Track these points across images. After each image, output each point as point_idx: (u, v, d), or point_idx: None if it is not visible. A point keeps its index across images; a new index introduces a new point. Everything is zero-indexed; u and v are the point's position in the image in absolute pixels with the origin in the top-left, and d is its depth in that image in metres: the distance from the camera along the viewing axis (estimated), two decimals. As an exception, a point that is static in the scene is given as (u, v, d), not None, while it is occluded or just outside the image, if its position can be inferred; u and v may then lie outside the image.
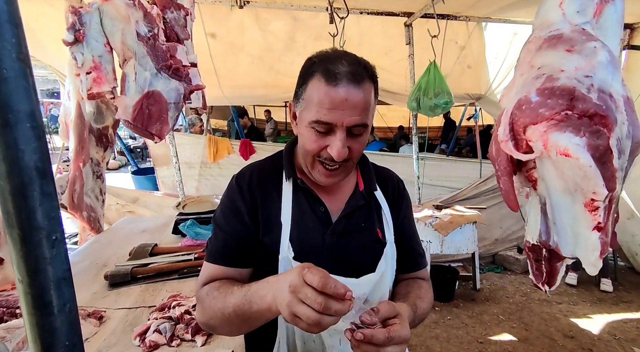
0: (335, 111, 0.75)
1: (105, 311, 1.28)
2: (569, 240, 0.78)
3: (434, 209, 3.50)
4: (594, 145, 0.66)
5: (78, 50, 0.96)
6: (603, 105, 0.66)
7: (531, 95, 0.72)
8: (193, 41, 3.64)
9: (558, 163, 0.70)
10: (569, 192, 0.72)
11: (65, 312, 0.25)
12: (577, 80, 0.68)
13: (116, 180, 7.52)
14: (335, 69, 0.75)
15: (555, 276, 0.85)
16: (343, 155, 0.77)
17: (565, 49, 0.71)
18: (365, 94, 0.76)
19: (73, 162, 2.12)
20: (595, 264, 0.73)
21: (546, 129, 0.67)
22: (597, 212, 0.69)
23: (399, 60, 3.72)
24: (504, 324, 3.10)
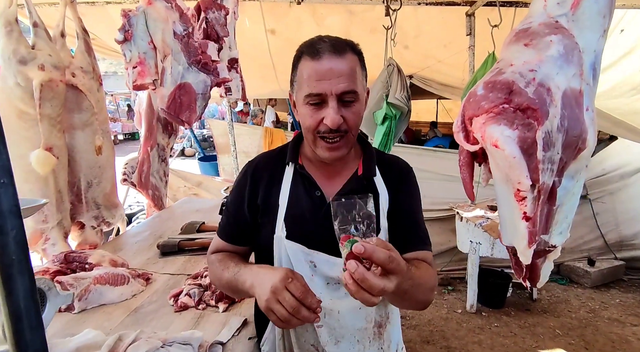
0: (322, 82, 0.80)
1: (152, 274, 1.49)
2: (507, 229, 0.77)
3: (487, 209, 3.29)
4: (524, 137, 0.65)
5: (127, 47, 1.15)
6: (536, 99, 0.64)
7: (478, 88, 0.72)
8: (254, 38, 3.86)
9: (492, 154, 0.70)
10: (504, 182, 0.72)
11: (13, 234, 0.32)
12: (520, 75, 0.67)
13: (188, 165, 8.31)
14: (317, 46, 0.82)
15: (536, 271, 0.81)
16: (337, 122, 0.82)
17: (524, 43, 0.69)
18: (349, 62, 0.82)
19: (142, 146, 2.44)
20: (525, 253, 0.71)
21: (485, 120, 0.68)
22: (524, 202, 0.68)
23: (458, 52, 3.53)
24: (560, 339, 2.83)
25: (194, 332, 1.01)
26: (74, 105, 1.80)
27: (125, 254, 1.72)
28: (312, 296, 0.71)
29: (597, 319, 3.09)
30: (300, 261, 0.89)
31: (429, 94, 5.04)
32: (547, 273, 0.85)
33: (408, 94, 2.97)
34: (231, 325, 1.13)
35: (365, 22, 3.48)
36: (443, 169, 3.81)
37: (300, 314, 0.70)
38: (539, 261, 0.82)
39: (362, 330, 0.92)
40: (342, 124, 0.83)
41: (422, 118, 10.00)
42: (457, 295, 3.51)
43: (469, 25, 3.17)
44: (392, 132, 3.02)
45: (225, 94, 1.52)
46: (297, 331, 0.92)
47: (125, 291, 1.32)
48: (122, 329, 1.11)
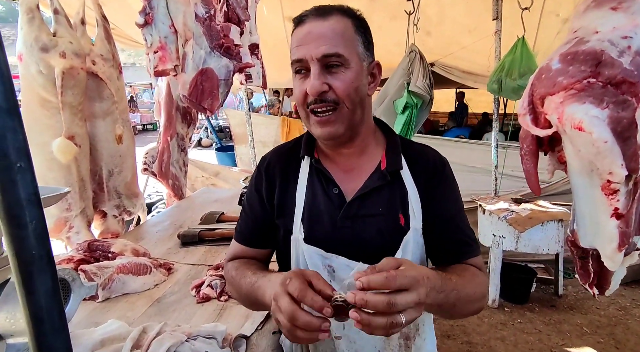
0: (302, 46, 0.74)
1: (174, 264, 1.48)
2: (588, 229, 0.66)
3: (511, 202, 3.18)
4: (617, 117, 0.54)
5: (148, 32, 1.11)
6: (635, 70, 0.53)
7: (553, 62, 0.61)
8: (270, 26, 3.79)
9: (573, 139, 0.59)
10: (587, 173, 0.60)
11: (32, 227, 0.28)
12: (610, 43, 0.56)
13: (205, 155, 8.38)
14: (305, 12, 0.78)
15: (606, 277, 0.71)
16: (317, 88, 0.73)
17: (610, 6, 0.58)
18: (333, 23, 0.74)
19: (162, 136, 2.44)
20: (613, 258, 0.60)
21: (563, 99, 0.57)
22: (616, 197, 0.57)
23: (484, 38, 3.37)
24: (587, 338, 2.73)
25: (217, 325, 0.99)
26: (95, 93, 1.79)
27: (147, 243, 1.72)
28: (313, 294, 0.58)
29: (628, 317, 2.96)
30: (317, 266, 0.81)
31: (448, 83, 4.89)
32: (618, 280, 0.74)
33: (430, 82, 2.86)
34: (254, 318, 1.10)
35: (387, 8, 3.36)
36: (464, 159, 3.70)
37: (298, 320, 0.58)
38: (608, 265, 0.73)
39: (384, 341, 0.84)
40: (328, 92, 0.74)
41: (441, 108, 9.76)
42: (478, 289, 3.43)
43: (495, 9, 3.01)
44: (412, 122, 2.92)
45: (246, 81, 1.47)
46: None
47: (147, 280, 1.31)
48: (145, 319, 1.10)
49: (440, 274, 0.68)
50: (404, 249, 0.80)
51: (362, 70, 0.78)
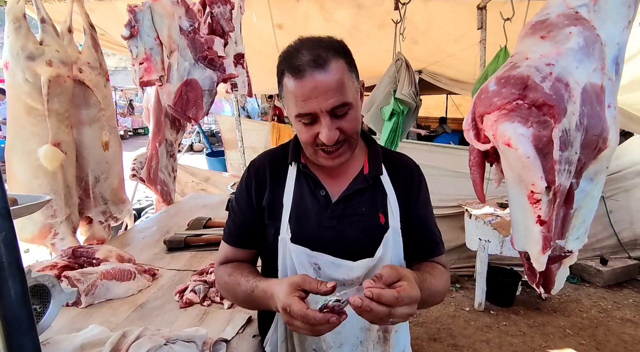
0: (310, 101, 0.76)
1: (159, 269, 1.50)
2: (520, 233, 0.73)
3: (497, 206, 3.24)
4: (539, 136, 0.61)
5: (133, 43, 1.14)
6: (553, 95, 0.59)
7: (490, 84, 0.67)
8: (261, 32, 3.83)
9: (505, 153, 0.66)
10: (517, 183, 0.67)
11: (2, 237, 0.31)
12: (536, 69, 0.62)
13: (196, 160, 8.36)
14: (298, 62, 0.76)
15: (550, 277, 0.77)
16: (333, 139, 0.79)
17: (540, 35, 0.64)
18: (334, 73, 0.76)
19: (151, 142, 2.45)
20: (538, 259, 0.67)
21: (497, 118, 0.63)
22: (539, 205, 0.63)
23: (469, 46, 3.46)
24: (570, 339, 2.79)
25: (197, 330, 1.01)
26: (81, 101, 1.80)
27: (132, 249, 1.73)
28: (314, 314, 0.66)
29: (609, 320, 3.03)
30: (303, 264, 0.86)
31: (438, 89, 4.97)
32: (562, 280, 0.81)
33: (416, 89, 2.92)
34: (235, 322, 1.12)
35: (374, 16, 3.42)
36: (452, 165, 3.76)
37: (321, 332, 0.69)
38: (554, 267, 0.79)
39: (364, 330, 0.90)
40: (339, 135, 0.80)
41: (432, 114, 9.88)
42: (465, 293, 3.47)
43: (480, 19, 3.10)
44: (399, 128, 2.98)
45: (232, 90, 1.50)
46: (300, 335, 0.90)
47: (131, 286, 1.33)
48: (128, 324, 1.12)
49: (420, 277, 0.79)
50: (385, 246, 0.87)
51: (359, 101, 0.85)
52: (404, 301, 0.64)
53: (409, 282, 0.68)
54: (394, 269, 0.71)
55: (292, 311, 0.67)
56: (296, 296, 0.69)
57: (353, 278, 0.86)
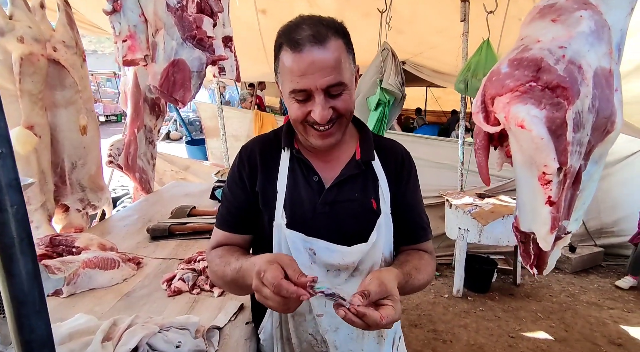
0: (306, 77, 0.76)
1: (143, 258, 1.45)
2: (527, 214, 0.75)
3: (475, 197, 3.34)
4: (552, 117, 0.62)
5: (116, 19, 1.07)
6: (567, 77, 0.61)
7: (502, 66, 0.68)
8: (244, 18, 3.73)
9: (517, 135, 0.67)
10: (528, 165, 0.69)
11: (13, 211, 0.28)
12: (549, 51, 0.63)
13: (174, 148, 8.13)
14: (297, 36, 0.75)
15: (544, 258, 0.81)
16: (326, 117, 0.78)
17: (551, 18, 0.66)
18: (332, 51, 0.76)
19: (129, 127, 2.36)
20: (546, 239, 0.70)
21: (509, 100, 0.64)
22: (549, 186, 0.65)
23: (452, 38, 3.50)
24: (541, 322, 2.94)
25: (189, 317, 0.99)
26: (56, 81, 1.70)
27: (114, 238, 1.67)
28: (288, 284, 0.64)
29: (576, 303, 3.22)
30: (299, 249, 0.86)
31: (419, 81, 5.02)
32: (554, 261, 0.84)
33: (402, 79, 2.94)
34: (227, 310, 1.11)
35: (359, 4, 3.40)
36: (434, 156, 3.84)
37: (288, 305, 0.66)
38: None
39: None
40: (332, 114, 0.80)
41: (411, 106, 10.01)
42: (444, 280, 3.59)
43: (463, 11, 3.13)
44: (385, 118, 2.99)
45: (219, 73, 1.46)
46: (295, 320, 0.90)
47: (115, 275, 1.28)
48: (114, 313, 1.08)
49: (405, 276, 0.81)
50: (378, 231, 0.88)
51: (354, 86, 0.85)
52: (382, 324, 0.66)
53: (394, 303, 0.69)
54: (383, 287, 0.70)
55: (265, 277, 0.65)
56: (275, 266, 0.67)
57: (348, 263, 0.86)
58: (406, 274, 0.82)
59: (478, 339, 2.72)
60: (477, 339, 2.71)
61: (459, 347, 2.63)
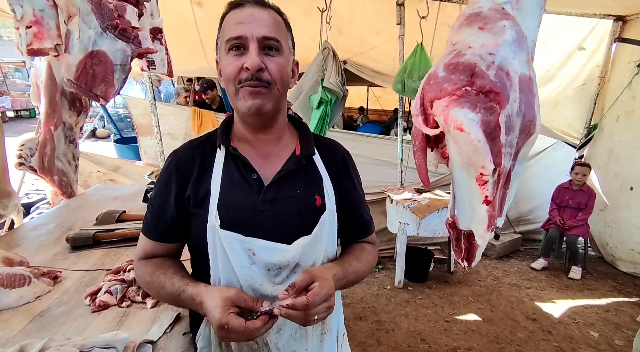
0: (242, 25, 0.78)
1: (62, 271, 1.29)
2: (466, 213, 0.82)
3: (414, 192, 3.53)
4: (486, 121, 0.68)
5: (17, 2, 0.92)
6: (498, 82, 0.67)
7: (439, 70, 0.73)
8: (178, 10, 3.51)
9: (455, 138, 0.72)
10: (465, 167, 0.75)
11: None
12: (480, 57, 0.69)
13: (101, 147, 7.43)
14: (241, 1, 0.81)
15: (473, 252, 0.88)
16: (256, 64, 0.78)
17: (478, 26, 0.72)
18: (272, 15, 0.81)
19: (44, 125, 2.09)
20: (484, 237, 0.76)
21: (447, 103, 0.69)
22: (486, 187, 0.72)
23: (390, 40, 3.65)
24: (471, 305, 3.20)
25: (117, 334, 0.90)
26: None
27: (24, 250, 1.46)
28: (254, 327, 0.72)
29: (500, 286, 3.56)
30: (236, 251, 0.83)
31: (361, 81, 5.17)
32: (480, 253, 0.91)
33: (343, 78, 2.99)
34: (162, 321, 1.03)
35: (300, 2, 3.38)
36: (376, 154, 3.97)
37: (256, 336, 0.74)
38: (476, 242, 0.88)
39: None
40: (263, 71, 0.80)
41: (354, 104, 10.29)
42: (386, 273, 3.74)
43: (399, 15, 3.28)
44: (327, 117, 3.03)
45: (148, 67, 1.34)
46: None
47: (25, 293, 1.12)
48: (23, 338, 0.94)
49: (343, 266, 0.88)
50: (321, 227, 0.87)
51: (289, 62, 0.86)
52: (315, 303, 0.72)
53: (320, 282, 0.75)
54: (307, 273, 0.78)
55: (231, 328, 0.70)
56: (232, 312, 0.72)
57: (289, 260, 0.85)
58: (344, 265, 0.87)
59: (417, 325, 2.88)
60: (416, 326, 2.87)
61: (400, 335, 2.76)
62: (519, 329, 2.87)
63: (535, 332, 2.82)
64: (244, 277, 0.82)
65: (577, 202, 3.77)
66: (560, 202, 3.89)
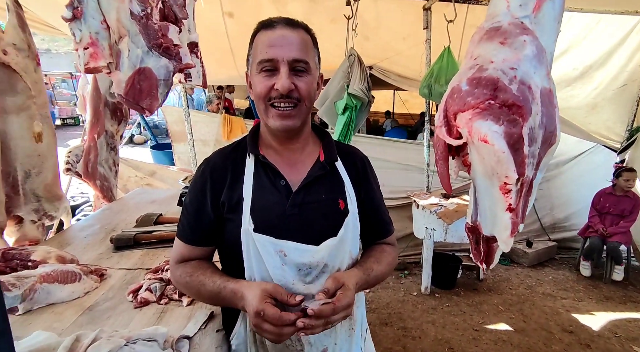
0: (274, 48, 0.83)
1: (107, 269, 1.40)
2: (488, 220, 0.82)
3: (441, 197, 3.48)
4: (510, 133, 0.69)
5: (76, 26, 1.03)
6: (521, 96, 0.69)
7: (462, 84, 0.75)
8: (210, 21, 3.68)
9: (479, 149, 0.73)
10: (488, 176, 0.76)
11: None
12: (502, 72, 0.71)
13: (138, 154, 7.82)
14: (272, 21, 0.87)
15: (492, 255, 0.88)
16: (287, 87, 0.84)
17: (499, 41, 0.73)
18: (301, 36, 0.86)
19: (88, 133, 2.26)
20: (507, 242, 0.77)
21: (471, 116, 0.71)
22: (509, 195, 0.73)
23: (416, 45, 3.63)
24: (502, 315, 3.11)
25: (157, 328, 0.97)
26: (6, 86, 1.60)
27: (74, 249, 1.59)
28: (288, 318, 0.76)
29: (533, 295, 3.43)
30: (269, 252, 0.88)
31: (387, 85, 5.16)
32: (498, 257, 0.92)
33: (369, 84, 3.01)
34: (197, 318, 1.10)
35: (326, 10, 3.45)
36: (401, 158, 3.96)
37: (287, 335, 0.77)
38: (495, 245, 0.89)
39: None
40: (293, 91, 0.85)
41: (380, 108, 10.24)
42: (412, 278, 3.70)
43: (425, 19, 3.27)
44: (352, 122, 3.06)
45: (185, 80, 1.44)
46: None
47: (76, 288, 1.23)
48: (75, 329, 1.04)
49: (366, 272, 0.92)
50: (345, 229, 0.92)
51: (316, 78, 0.92)
52: (338, 310, 0.78)
53: (343, 292, 0.81)
54: (335, 280, 0.83)
55: (266, 315, 0.75)
56: (268, 302, 0.77)
57: (318, 260, 0.89)
58: (366, 270, 0.92)
59: (445, 333, 2.83)
60: (444, 334, 2.82)
61: (427, 343, 2.72)
62: (554, 341, 2.75)
63: (572, 345, 2.70)
64: (277, 277, 0.87)
65: (620, 208, 3.57)
66: (601, 209, 3.70)
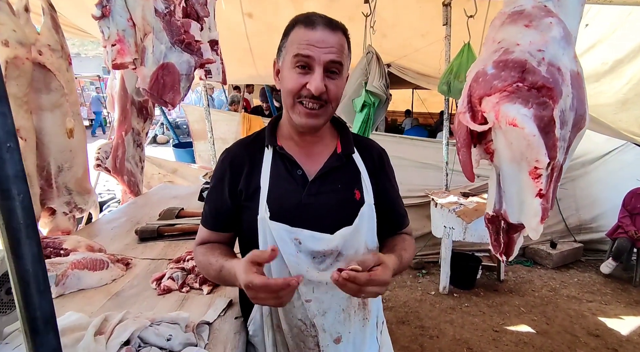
0: (313, 48, 0.84)
1: (132, 259, 1.47)
2: (515, 207, 0.80)
3: (460, 195, 3.43)
4: (540, 116, 0.67)
5: (105, 24, 1.10)
6: (550, 78, 0.66)
7: (487, 67, 0.73)
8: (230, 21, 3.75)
9: (507, 133, 0.72)
10: (516, 161, 0.74)
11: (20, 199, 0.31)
12: (530, 54, 0.69)
13: (161, 152, 8.06)
14: (313, 17, 0.87)
15: (512, 246, 0.87)
16: (320, 89, 0.85)
17: (524, 24, 0.71)
18: (339, 38, 0.86)
19: (116, 131, 2.36)
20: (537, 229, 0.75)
21: (498, 100, 0.69)
22: (540, 180, 0.71)
23: (435, 41, 3.59)
24: (524, 316, 3.03)
25: (180, 313, 1.02)
26: (41, 85, 1.70)
27: (102, 240, 1.67)
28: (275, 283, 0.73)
29: (557, 297, 3.33)
30: (284, 240, 0.90)
31: (405, 83, 5.12)
32: (517, 249, 0.91)
33: (387, 82, 3.01)
34: (217, 306, 1.14)
35: (344, 8, 3.46)
36: (419, 157, 3.92)
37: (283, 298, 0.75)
38: (515, 236, 0.88)
39: (347, 299, 0.95)
40: (324, 93, 0.86)
41: (398, 107, 10.14)
42: (430, 278, 3.66)
43: (445, 15, 3.22)
44: (370, 120, 3.06)
45: (205, 76, 1.49)
46: (285, 307, 0.94)
47: (104, 275, 1.29)
48: (104, 311, 1.09)
49: (399, 258, 0.92)
50: (360, 219, 0.94)
51: (345, 80, 0.94)
52: (373, 282, 0.75)
53: (384, 268, 0.78)
54: (377, 256, 0.81)
55: (254, 285, 0.73)
56: (254, 272, 0.76)
57: (332, 248, 0.91)
58: (399, 256, 0.93)
59: (463, 334, 2.79)
60: (462, 334, 2.78)
61: (445, 343, 2.69)
62: (579, 344, 2.67)
63: (597, 350, 2.61)
64: (291, 264, 0.90)
65: (651, 209, 3.42)
66: (633, 209, 3.55)
